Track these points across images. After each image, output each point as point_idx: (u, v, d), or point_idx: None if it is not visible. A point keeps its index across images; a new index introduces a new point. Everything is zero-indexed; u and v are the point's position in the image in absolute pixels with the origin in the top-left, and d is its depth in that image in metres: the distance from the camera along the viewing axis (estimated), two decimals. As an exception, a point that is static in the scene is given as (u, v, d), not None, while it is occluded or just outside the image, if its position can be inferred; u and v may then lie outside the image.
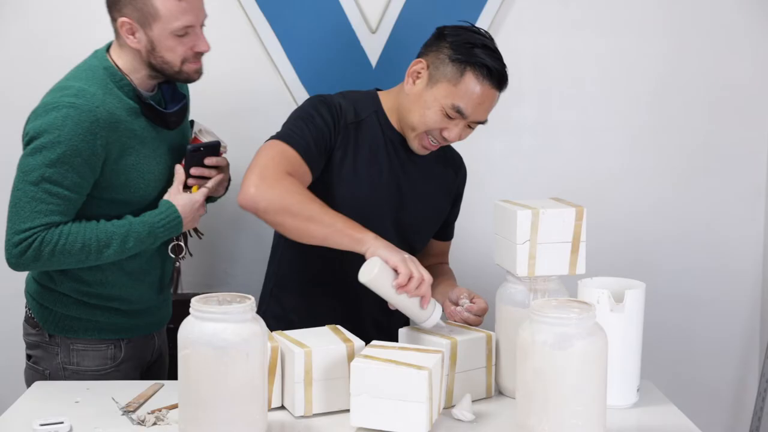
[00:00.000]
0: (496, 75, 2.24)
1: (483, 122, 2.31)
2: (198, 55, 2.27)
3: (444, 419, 2.01)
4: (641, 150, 3.05)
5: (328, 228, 2.11)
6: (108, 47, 2.30)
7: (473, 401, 2.07)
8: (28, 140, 2.17)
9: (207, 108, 2.82)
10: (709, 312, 3.12)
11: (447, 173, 2.49)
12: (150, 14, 2.17)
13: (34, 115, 2.19)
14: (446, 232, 2.58)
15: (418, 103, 2.28)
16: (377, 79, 2.70)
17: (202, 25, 2.27)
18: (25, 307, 2.38)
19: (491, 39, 2.30)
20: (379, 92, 2.41)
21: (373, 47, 2.91)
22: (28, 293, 2.37)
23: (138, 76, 2.26)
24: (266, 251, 2.80)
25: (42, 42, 2.86)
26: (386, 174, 2.35)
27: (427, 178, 2.42)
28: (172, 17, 2.18)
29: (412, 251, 2.41)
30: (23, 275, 2.41)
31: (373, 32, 2.91)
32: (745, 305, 3.14)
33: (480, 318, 2.24)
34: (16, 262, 2.17)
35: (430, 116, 2.26)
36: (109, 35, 2.88)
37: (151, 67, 2.24)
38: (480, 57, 2.23)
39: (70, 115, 2.13)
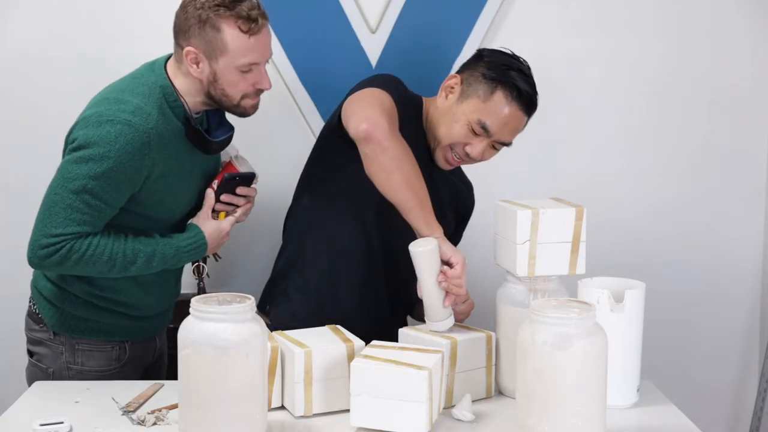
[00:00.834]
0: (526, 98, 2.30)
1: (507, 144, 2.36)
2: (258, 92, 2.26)
3: (444, 419, 2.01)
4: (641, 150, 3.05)
5: (416, 202, 2.12)
6: (166, 60, 2.27)
7: (473, 401, 2.07)
8: (75, 147, 2.13)
9: (207, 108, 2.82)
10: (709, 312, 3.12)
11: (461, 190, 2.55)
12: (218, 48, 2.16)
13: (85, 122, 2.15)
14: None
15: (447, 116, 2.33)
16: (377, 79, 2.70)
17: (266, 62, 2.26)
18: (30, 301, 2.38)
19: (528, 67, 2.35)
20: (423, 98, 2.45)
21: (373, 47, 2.91)
22: (36, 288, 2.36)
23: (193, 100, 2.24)
24: (266, 251, 2.81)
25: (42, 42, 2.86)
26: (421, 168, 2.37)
27: (444, 187, 2.45)
28: (239, 53, 2.16)
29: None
30: (25, 275, 2.41)
31: (373, 32, 2.90)
32: (745, 305, 3.13)
33: (469, 302, 2.25)
34: (38, 263, 2.16)
35: (456, 129, 2.31)
36: (109, 34, 2.88)
37: (210, 96, 2.23)
38: (513, 78, 2.29)
39: (124, 133, 2.10)
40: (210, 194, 2.33)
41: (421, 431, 1.88)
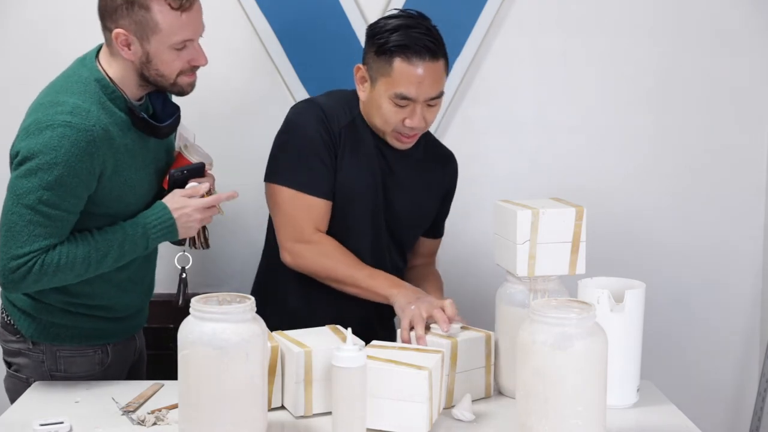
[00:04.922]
0: (423, 48, 2.22)
1: (439, 96, 2.28)
2: (194, 69, 2.21)
3: (444, 419, 2.01)
4: (641, 150, 3.05)
5: (363, 282, 2.29)
6: (97, 52, 2.20)
7: (473, 401, 2.07)
8: (20, 160, 2.06)
9: (207, 108, 2.82)
10: (709, 312, 3.12)
11: (435, 170, 2.48)
12: (149, 27, 2.10)
13: (25, 132, 2.07)
14: (435, 230, 2.57)
15: (373, 106, 2.30)
16: (377, 79, 2.70)
17: (199, 37, 2.21)
18: (2, 312, 2.31)
19: (416, 13, 2.28)
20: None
21: (373, 47, 2.90)
22: (7, 299, 2.28)
23: (130, 88, 2.18)
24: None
25: (42, 40, 2.85)
26: (374, 173, 2.36)
27: (415, 176, 2.42)
28: (171, 31, 2.11)
29: (401, 249, 2.47)
30: None
31: (373, 32, 2.90)
32: (745, 305, 3.13)
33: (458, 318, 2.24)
34: (14, 286, 2.09)
35: (385, 113, 2.27)
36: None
37: (144, 78, 2.17)
38: (399, 39, 2.21)
39: (67, 135, 2.03)
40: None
41: (421, 431, 1.88)
